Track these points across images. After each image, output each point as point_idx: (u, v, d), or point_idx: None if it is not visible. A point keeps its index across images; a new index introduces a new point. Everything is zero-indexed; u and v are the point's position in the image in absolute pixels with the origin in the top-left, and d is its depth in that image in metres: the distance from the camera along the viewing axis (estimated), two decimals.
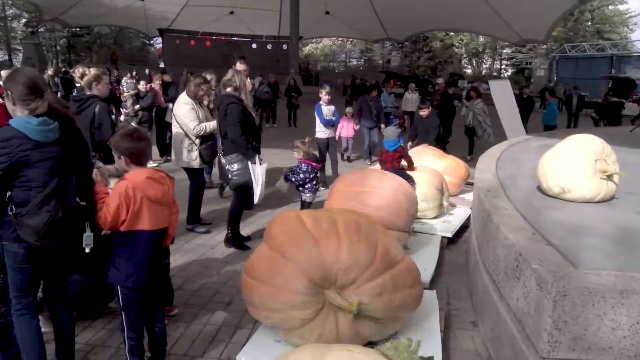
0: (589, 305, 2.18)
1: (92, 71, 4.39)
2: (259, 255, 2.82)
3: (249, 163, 4.67)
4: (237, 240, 4.89)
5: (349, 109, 9.63)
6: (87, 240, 2.62)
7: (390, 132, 5.80)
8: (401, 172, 5.15)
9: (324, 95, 7.71)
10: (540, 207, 3.31)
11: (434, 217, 5.33)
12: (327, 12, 31.73)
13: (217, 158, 5.03)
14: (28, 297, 2.57)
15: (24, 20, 43.35)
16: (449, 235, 5.04)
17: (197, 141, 5.13)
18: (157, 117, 9.15)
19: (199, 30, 35.83)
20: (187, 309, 3.62)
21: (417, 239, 4.62)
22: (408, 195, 4.17)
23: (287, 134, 12.26)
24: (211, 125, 5.12)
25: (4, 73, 7.37)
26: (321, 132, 7.68)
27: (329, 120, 7.64)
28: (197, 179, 5.34)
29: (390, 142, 5.56)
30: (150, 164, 2.61)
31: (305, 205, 5.13)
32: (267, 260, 2.70)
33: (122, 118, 4.82)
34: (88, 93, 4.39)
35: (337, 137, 9.25)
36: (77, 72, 4.43)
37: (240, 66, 5.88)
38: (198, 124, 5.06)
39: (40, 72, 15.24)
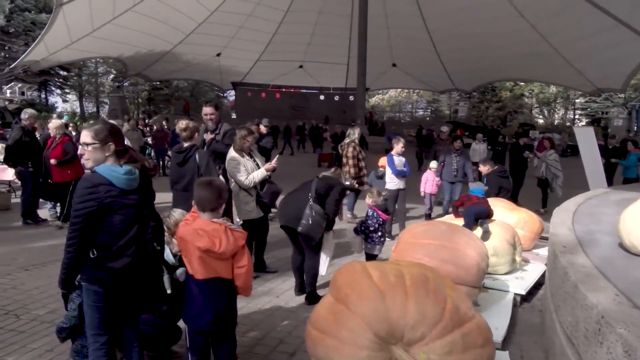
0: None
1: (193, 124, 4.94)
2: (324, 307, 2.80)
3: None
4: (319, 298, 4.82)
5: (433, 164, 9.28)
6: (167, 282, 2.76)
7: (476, 185, 5.90)
8: (483, 205, 5.11)
9: (399, 147, 7.66)
10: (623, 266, 3.10)
11: (506, 273, 5.10)
12: (394, 64, 32.20)
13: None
14: (104, 335, 2.70)
15: (111, 76, 47.24)
16: (523, 292, 4.79)
17: (253, 192, 5.28)
18: None
19: (269, 83, 37.37)
20: (250, 357, 3.62)
21: (488, 295, 4.42)
22: (478, 249, 4.04)
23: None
24: (260, 174, 5.27)
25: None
26: (392, 183, 7.58)
27: (401, 171, 7.56)
28: (259, 228, 5.46)
29: (480, 190, 5.65)
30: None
31: (371, 257, 5.08)
32: (332, 312, 2.67)
33: None
34: (186, 144, 4.88)
35: (422, 193, 9.12)
36: (180, 125, 4.93)
37: (205, 109, 5.86)
38: (247, 177, 5.21)
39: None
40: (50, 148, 7.61)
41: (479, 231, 5.13)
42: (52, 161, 7.47)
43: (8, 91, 36.66)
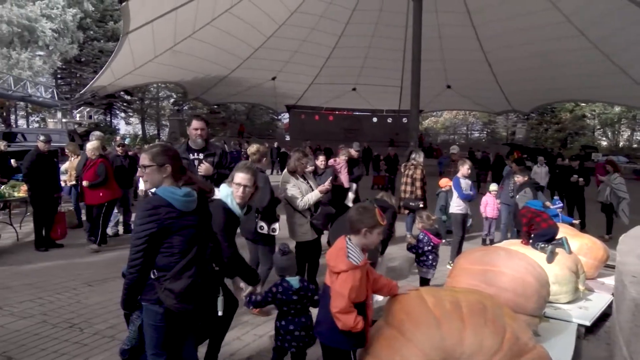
0: None
1: (263, 148, 5.13)
2: (377, 333, 2.76)
3: None
4: None
5: (493, 186, 9.07)
6: (221, 304, 2.79)
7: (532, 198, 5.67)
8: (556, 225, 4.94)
9: (465, 169, 7.52)
10: None
11: (568, 302, 4.85)
12: (448, 86, 31.82)
13: None
14: (163, 355, 2.75)
15: (172, 100, 49.33)
16: (587, 323, 4.54)
17: (307, 214, 5.31)
18: (335, 199, 7.18)
19: (322, 105, 37.80)
20: None
21: (549, 325, 4.22)
22: (538, 277, 3.88)
23: None
24: (314, 196, 5.29)
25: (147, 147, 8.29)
26: (457, 207, 7.35)
27: (468, 195, 7.39)
28: (312, 250, 5.48)
29: (539, 203, 5.43)
30: None
31: (424, 282, 4.97)
32: (386, 337, 2.63)
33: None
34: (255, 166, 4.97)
35: (485, 217, 8.95)
36: (251, 148, 5.16)
37: (196, 123, 5.20)
38: (301, 199, 5.23)
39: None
40: (86, 170, 7.73)
41: (536, 253, 4.91)
42: (84, 183, 7.63)
43: (77, 115, 38.91)
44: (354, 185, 8.02)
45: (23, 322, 4.62)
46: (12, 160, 11.30)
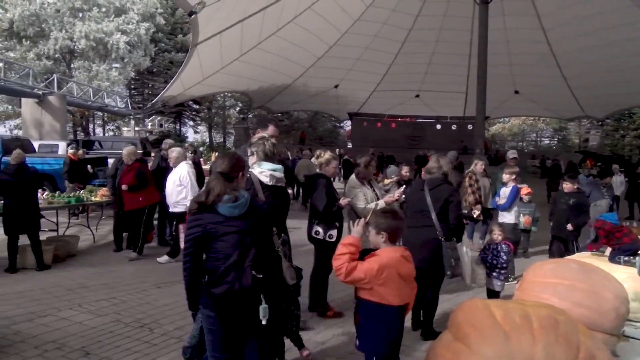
0: None
1: (325, 156, 5.10)
2: (442, 344, 2.69)
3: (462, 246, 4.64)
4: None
5: None
6: (263, 312, 2.77)
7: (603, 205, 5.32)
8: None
9: (504, 176, 7.40)
10: None
11: None
12: (516, 92, 30.72)
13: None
14: (221, 356, 2.81)
15: (237, 109, 50.73)
16: None
17: None
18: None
19: (385, 113, 37.55)
20: None
21: (628, 345, 3.94)
22: (616, 292, 3.63)
23: None
24: (378, 205, 5.22)
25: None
26: (500, 215, 7.33)
27: (499, 205, 7.22)
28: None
29: (614, 215, 5.09)
30: None
31: (492, 294, 4.82)
32: (451, 350, 2.56)
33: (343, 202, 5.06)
34: (317, 171, 5.10)
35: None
36: (315, 153, 5.20)
37: (273, 128, 5.06)
38: (364, 207, 5.13)
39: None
40: (124, 175, 7.61)
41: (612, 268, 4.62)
42: (123, 187, 7.48)
43: (149, 123, 40.85)
44: None
45: (99, 319, 4.88)
46: (89, 167, 11.92)
